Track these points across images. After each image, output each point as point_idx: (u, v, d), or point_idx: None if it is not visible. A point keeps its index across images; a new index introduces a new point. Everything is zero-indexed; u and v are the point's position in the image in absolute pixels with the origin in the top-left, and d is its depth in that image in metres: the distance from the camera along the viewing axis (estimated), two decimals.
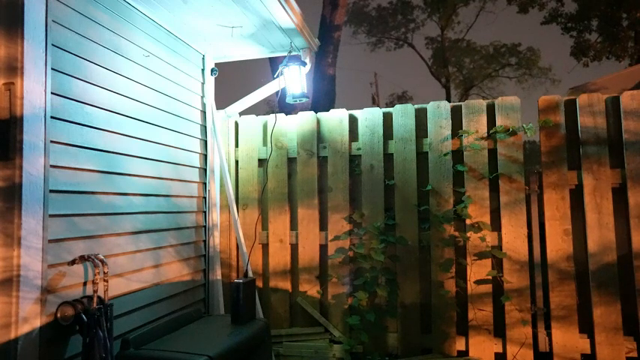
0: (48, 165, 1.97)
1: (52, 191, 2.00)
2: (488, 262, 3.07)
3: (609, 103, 3.01)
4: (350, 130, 3.44)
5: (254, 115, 3.69)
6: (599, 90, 7.31)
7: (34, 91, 1.90)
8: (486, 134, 3.15)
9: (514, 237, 3.04)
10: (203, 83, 3.50)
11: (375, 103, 20.19)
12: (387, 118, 3.37)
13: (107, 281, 2.19)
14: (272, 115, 3.57)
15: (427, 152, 3.27)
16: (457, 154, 3.21)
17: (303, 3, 3.38)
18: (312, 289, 3.39)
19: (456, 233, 3.14)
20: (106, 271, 2.18)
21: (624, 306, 2.86)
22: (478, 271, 3.08)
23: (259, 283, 3.50)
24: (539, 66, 22.45)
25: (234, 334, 2.54)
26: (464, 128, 3.19)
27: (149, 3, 2.72)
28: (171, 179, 3.01)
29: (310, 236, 3.43)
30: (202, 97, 3.48)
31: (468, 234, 3.10)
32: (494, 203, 3.12)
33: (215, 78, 3.62)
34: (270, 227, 3.52)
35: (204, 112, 3.48)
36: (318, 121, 3.50)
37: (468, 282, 3.09)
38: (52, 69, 2.02)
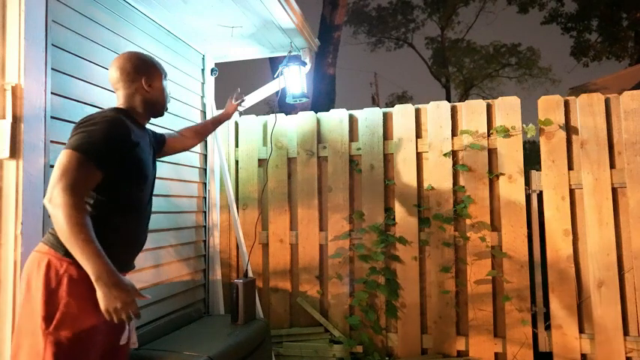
0: (48, 165, 1.96)
1: None
2: (488, 262, 3.07)
3: (609, 103, 3.01)
4: (350, 130, 3.44)
5: (254, 115, 3.69)
6: (599, 90, 7.31)
7: (34, 91, 1.90)
8: (486, 134, 3.15)
9: (514, 237, 3.04)
10: (203, 83, 3.50)
11: (375, 103, 20.20)
12: (387, 118, 3.37)
13: None
14: (272, 115, 3.56)
15: (427, 152, 3.27)
16: (457, 154, 3.22)
17: (303, 3, 3.39)
18: (312, 289, 3.39)
19: (456, 233, 3.14)
20: None
21: (624, 306, 2.86)
22: (478, 271, 3.08)
23: (259, 283, 3.50)
24: (539, 66, 22.44)
25: (234, 334, 2.54)
26: (464, 128, 3.19)
27: (149, 3, 2.72)
28: (171, 179, 3.01)
29: (310, 236, 3.43)
30: (202, 97, 3.48)
31: (468, 234, 3.10)
32: (494, 203, 3.12)
33: (215, 78, 3.62)
34: (270, 227, 3.52)
35: (204, 112, 3.48)
36: (318, 121, 3.50)
37: (468, 282, 3.09)
38: (52, 69, 2.02)
